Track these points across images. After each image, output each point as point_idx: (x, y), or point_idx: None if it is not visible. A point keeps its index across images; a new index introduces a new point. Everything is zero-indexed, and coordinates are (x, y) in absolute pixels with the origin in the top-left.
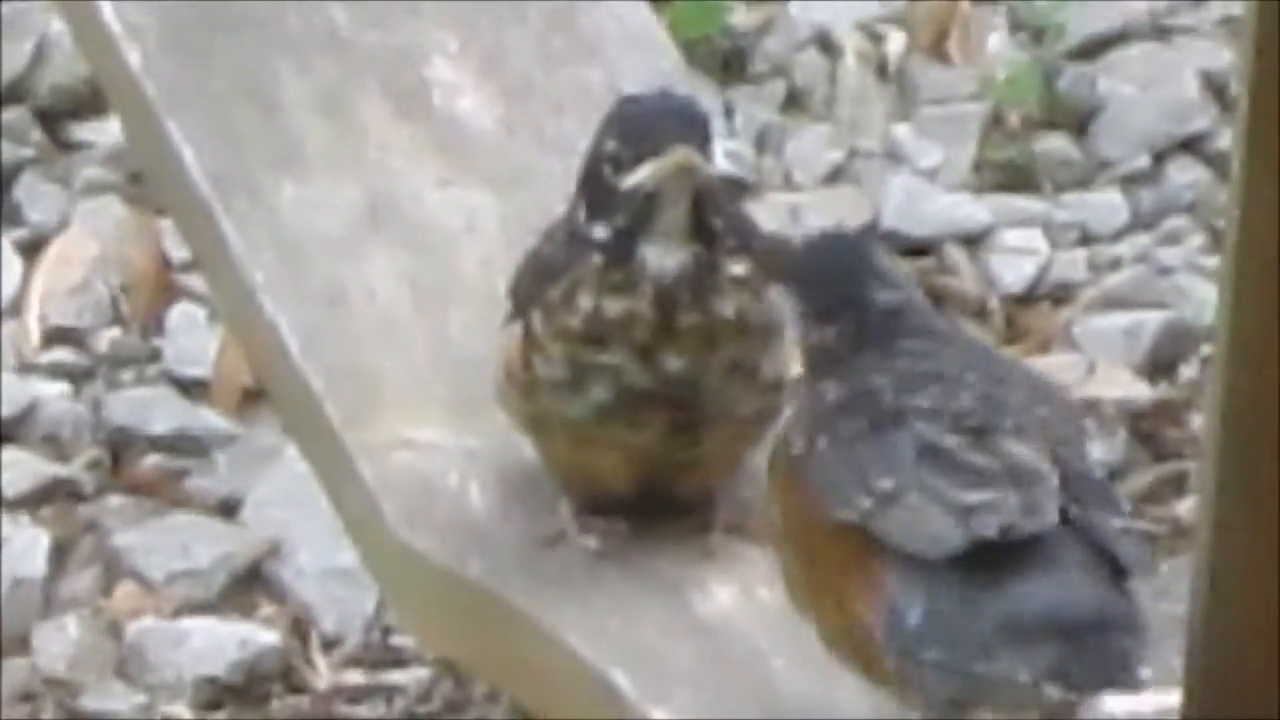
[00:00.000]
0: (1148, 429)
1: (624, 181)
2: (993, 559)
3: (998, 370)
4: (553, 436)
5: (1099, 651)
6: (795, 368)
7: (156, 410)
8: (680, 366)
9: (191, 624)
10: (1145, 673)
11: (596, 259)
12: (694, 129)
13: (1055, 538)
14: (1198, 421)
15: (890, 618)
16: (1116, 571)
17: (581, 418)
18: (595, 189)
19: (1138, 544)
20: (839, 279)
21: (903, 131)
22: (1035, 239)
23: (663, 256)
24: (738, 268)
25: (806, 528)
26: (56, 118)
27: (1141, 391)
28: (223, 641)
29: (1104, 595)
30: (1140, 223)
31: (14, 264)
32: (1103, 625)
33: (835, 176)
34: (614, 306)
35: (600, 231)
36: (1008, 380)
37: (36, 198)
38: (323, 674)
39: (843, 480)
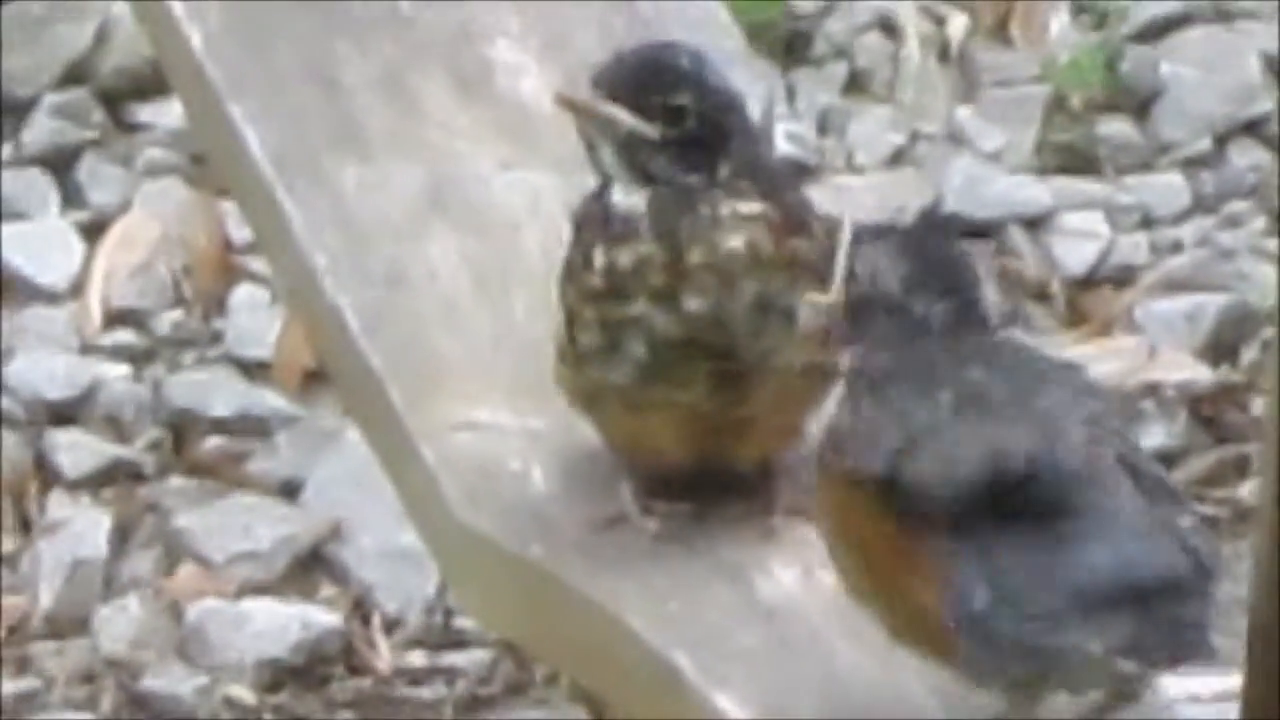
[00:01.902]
0: (1209, 412)
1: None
2: (1056, 527)
3: (1035, 373)
4: (606, 410)
5: (1172, 621)
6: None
7: (218, 392)
8: (701, 305)
9: (252, 605)
10: (1217, 642)
11: (605, 213)
12: (631, 74)
13: (1120, 507)
14: (1259, 404)
15: (955, 600)
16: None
17: (626, 380)
18: None
19: (1208, 540)
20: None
21: (965, 114)
22: (1097, 222)
23: (624, 198)
24: (747, 206)
25: (858, 521)
26: (119, 99)
27: (1203, 374)
28: (284, 623)
29: (1174, 560)
30: (1202, 206)
31: (76, 245)
32: (1175, 592)
33: (897, 159)
34: (623, 256)
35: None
36: (1046, 383)
37: (99, 179)
38: (384, 655)
39: (879, 427)
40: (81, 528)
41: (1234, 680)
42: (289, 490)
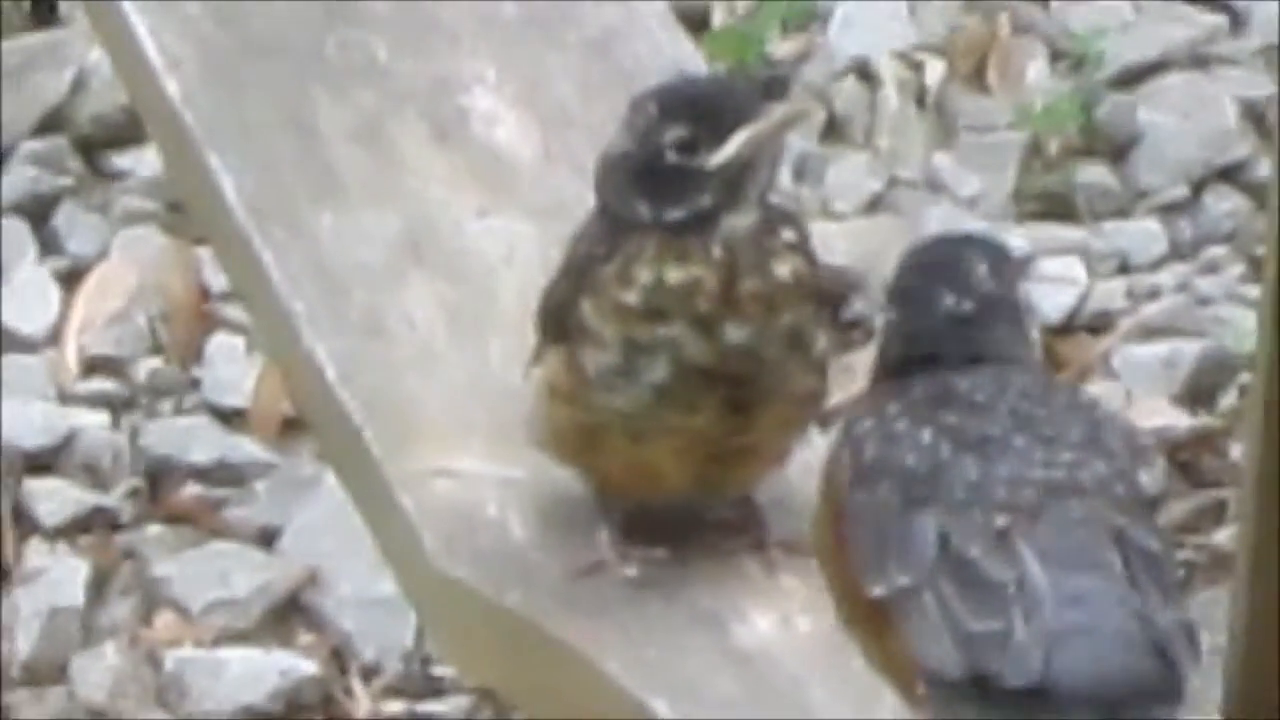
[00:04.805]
0: (1187, 458)
1: (713, 159)
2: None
3: (1052, 423)
4: (604, 445)
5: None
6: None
7: (195, 440)
8: (742, 337)
9: (230, 653)
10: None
11: (660, 235)
12: (752, 92)
13: (1101, 605)
14: (1237, 450)
15: (932, 669)
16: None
17: (636, 406)
18: (660, 179)
19: (1189, 637)
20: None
21: (942, 160)
22: (1074, 268)
23: (738, 219)
24: (788, 233)
25: (845, 576)
26: (95, 147)
27: (1180, 420)
28: (262, 671)
29: (1147, 665)
30: (1179, 252)
31: (53, 293)
32: (1144, 696)
33: (874, 206)
34: (676, 275)
35: (676, 214)
36: (1061, 438)
37: (75, 227)
38: (362, 703)
39: (868, 558)
40: (59, 576)
41: None
42: (266, 538)
